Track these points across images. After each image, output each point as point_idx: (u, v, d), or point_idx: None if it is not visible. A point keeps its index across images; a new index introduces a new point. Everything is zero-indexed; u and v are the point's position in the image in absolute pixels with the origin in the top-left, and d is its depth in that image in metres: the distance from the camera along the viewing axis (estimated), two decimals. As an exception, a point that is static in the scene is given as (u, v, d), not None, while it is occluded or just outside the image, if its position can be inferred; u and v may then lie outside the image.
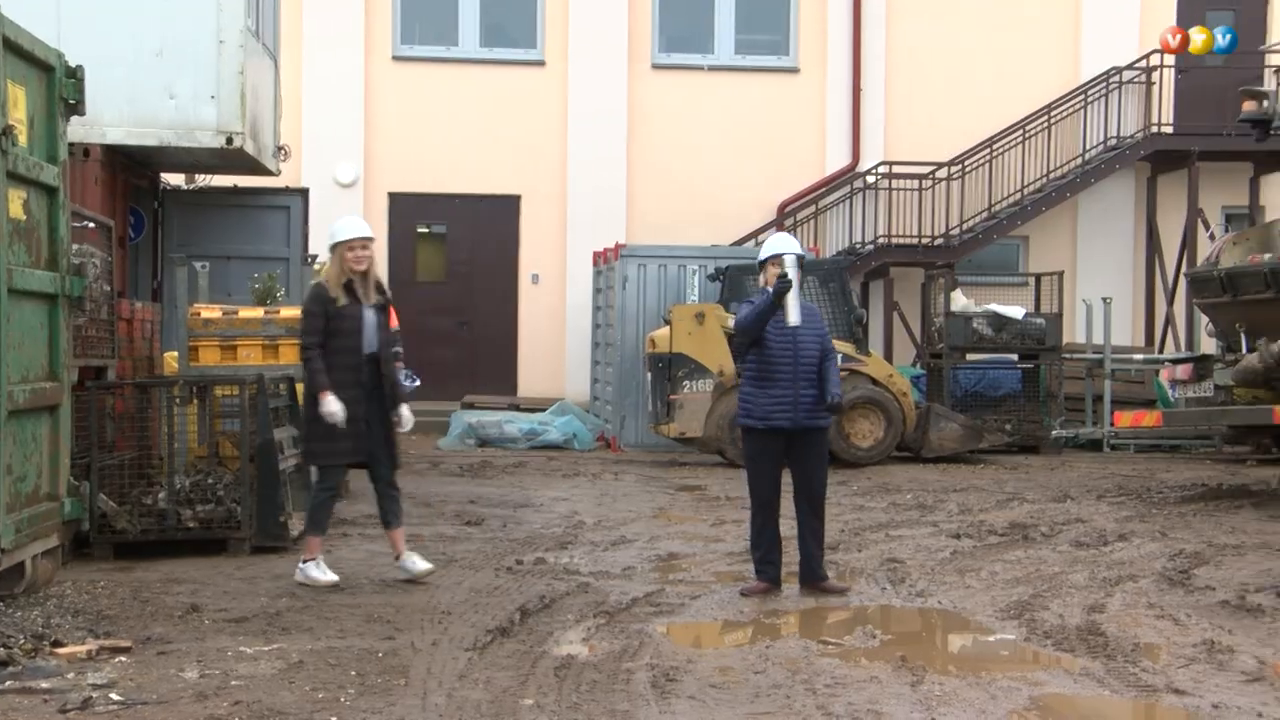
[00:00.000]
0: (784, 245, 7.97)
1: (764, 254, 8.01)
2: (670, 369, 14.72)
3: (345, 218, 8.26)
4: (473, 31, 19.90)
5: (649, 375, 15.26)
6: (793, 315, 7.70)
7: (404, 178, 19.60)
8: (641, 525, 10.45)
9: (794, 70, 20.13)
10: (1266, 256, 12.11)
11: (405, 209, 19.77)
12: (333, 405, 7.69)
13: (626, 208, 19.68)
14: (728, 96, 19.91)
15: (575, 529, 10.18)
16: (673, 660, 6.23)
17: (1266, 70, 18.55)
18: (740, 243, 19.09)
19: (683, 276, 16.18)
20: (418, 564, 7.99)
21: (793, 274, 7.67)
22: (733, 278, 15.25)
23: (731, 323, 14.67)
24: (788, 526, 7.96)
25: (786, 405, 7.71)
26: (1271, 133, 13.14)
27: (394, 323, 15.47)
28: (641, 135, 19.80)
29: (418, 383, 14.81)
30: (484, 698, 5.60)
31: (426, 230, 20.09)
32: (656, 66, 19.96)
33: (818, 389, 7.76)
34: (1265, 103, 13.07)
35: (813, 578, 7.83)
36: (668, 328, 14.86)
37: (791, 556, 8.21)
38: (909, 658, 6.25)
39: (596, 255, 17.78)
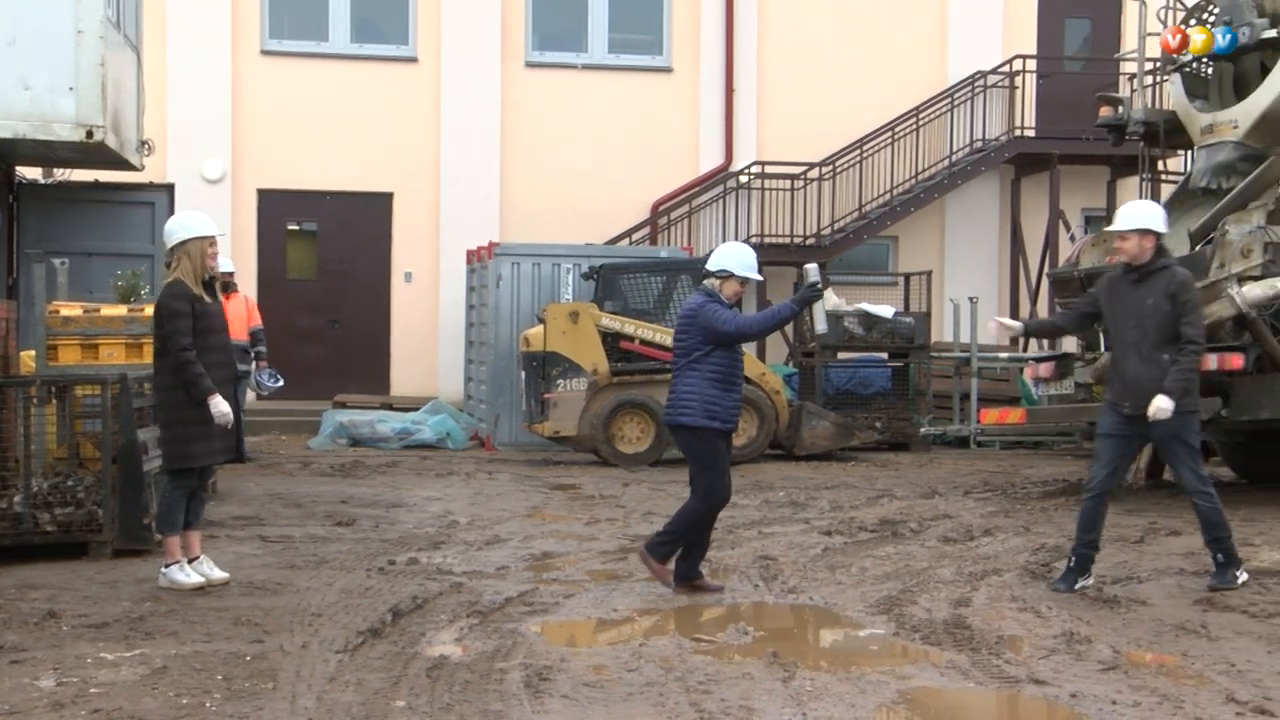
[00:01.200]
0: (741, 254, 7.90)
1: (729, 267, 7.82)
2: (544, 368, 14.69)
3: (192, 213, 8.07)
4: (343, 26, 19.64)
5: (523, 374, 15.21)
6: (820, 323, 7.90)
7: (273, 174, 19.26)
8: (515, 524, 10.41)
9: (667, 70, 20.23)
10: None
11: (275, 206, 19.43)
12: (223, 406, 7.64)
13: (500, 206, 19.60)
14: (601, 95, 19.94)
15: (449, 529, 10.10)
16: (546, 659, 6.21)
17: (1122, 77, 19.13)
18: (614, 241, 19.14)
19: (557, 275, 16.15)
20: (215, 570, 7.86)
21: (819, 283, 7.84)
22: (606, 277, 15.27)
23: (606, 320, 14.78)
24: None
25: (740, 407, 7.92)
26: (1127, 137, 13.56)
27: (257, 319, 15.17)
28: (515, 133, 19.73)
29: (281, 382, 14.48)
30: (355, 700, 5.53)
31: (297, 228, 19.78)
32: (530, 64, 19.91)
33: None
34: (1120, 108, 13.47)
35: (691, 575, 7.86)
36: (542, 326, 14.83)
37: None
38: (781, 654, 6.31)
39: (470, 254, 17.68)
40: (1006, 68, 20.13)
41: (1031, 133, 20.12)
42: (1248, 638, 6.71)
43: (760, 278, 8.14)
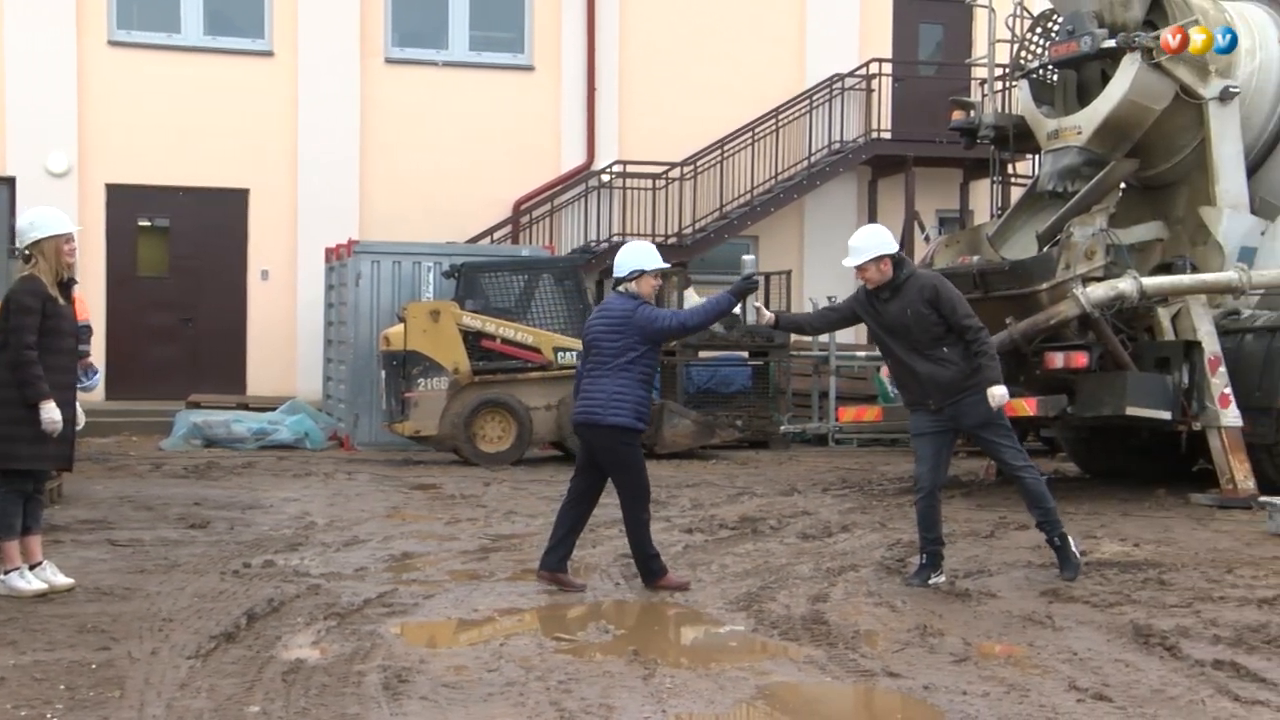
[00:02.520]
0: (646, 250, 7.90)
1: (642, 266, 7.79)
2: (405, 367, 14.55)
3: (45, 210, 7.82)
4: (196, 18, 19.20)
5: (383, 373, 15.05)
6: (753, 314, 7.89)
7: (123, 169, 18.75)
8: (375, 525, 10.29)
9: (529, 68, 20.18)
10: (975, 258, 12.81)
11: (124, 201, 18.92)
12: (54, 414, 7.33)
13: (360, 203, 19.36)
14: (463, 93, 19.81)
15: (306, 530, 9.93)
16: (405, 661, 6.14)
17: (973, 82, 19.61)
18: (476, 240, 19.03)
19: (417, 274, 16.02)
20: (59, 576, 7.62)
21: (756, 273, 7.82)
22: (468, 275, 15.17)
23: (467, 319, 14.67)
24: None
25: None
26: (978, 141, 13.91)
27: (85, 315, 14.66)
28: (375, 130, 19.50)
29: (99, 373, 13.96)
30: (207, 706, 5.41)
31: (148, 224, 19.30)
32: (390, 61, 19.70)
33: None
34: (972, 113, 13.83)
35: (556, 568, 7.85)
36: (402, 325, 14.69)
37: (530, 556, 8.21)
38: (641, 651, 6.33)
39: (329, 251, 17.42)
40: (863, 71, 20.49)
41: (888, 135, 20.52)
42: (1089, 627, 6.93)
43: (666, 265, 8.19)
